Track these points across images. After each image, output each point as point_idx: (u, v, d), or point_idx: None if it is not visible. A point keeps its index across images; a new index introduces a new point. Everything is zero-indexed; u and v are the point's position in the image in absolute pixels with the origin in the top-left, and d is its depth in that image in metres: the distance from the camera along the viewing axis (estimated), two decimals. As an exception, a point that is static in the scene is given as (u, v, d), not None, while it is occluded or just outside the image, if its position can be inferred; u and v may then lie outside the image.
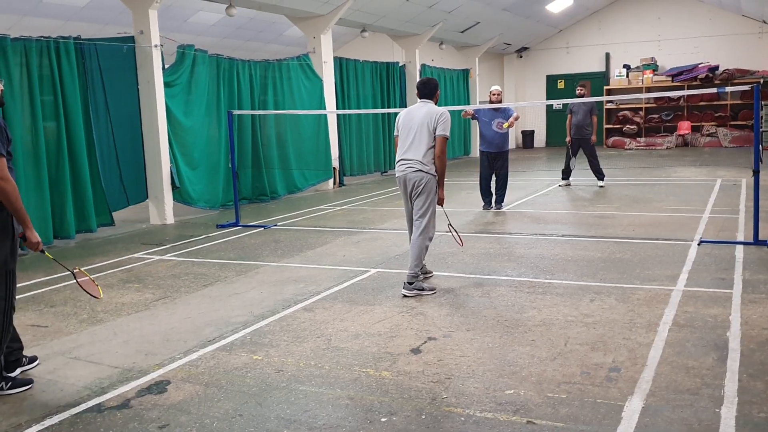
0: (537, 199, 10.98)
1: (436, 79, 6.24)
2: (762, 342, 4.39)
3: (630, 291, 5.72)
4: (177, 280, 6.85)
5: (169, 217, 10.64)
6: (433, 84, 6.15)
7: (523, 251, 7.49)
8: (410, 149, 5.94)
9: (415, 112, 6.02)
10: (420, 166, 5.87)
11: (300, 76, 13.85)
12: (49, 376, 4.36)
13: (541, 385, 3.88)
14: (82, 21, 14.82)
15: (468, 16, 18.51)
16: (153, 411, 3.77)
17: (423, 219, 5.93)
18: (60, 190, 9.25)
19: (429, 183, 5.89)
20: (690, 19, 21.88)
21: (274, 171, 13.18)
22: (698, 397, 3.63)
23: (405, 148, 5.99)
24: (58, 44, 9.27)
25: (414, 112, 6.04)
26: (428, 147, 5.87)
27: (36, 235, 4.16)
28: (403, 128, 6.06)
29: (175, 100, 10.88)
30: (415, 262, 5.90)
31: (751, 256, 6.76)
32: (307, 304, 5.76)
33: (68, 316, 5.71)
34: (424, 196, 5.91)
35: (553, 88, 24.64)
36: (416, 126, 5.92)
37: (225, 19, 15.61)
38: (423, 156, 5.87)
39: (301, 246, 8.34)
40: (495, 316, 5.18)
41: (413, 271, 5.89)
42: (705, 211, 9.48)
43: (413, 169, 5.90)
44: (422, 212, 5.94)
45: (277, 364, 4.39)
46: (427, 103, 6.07)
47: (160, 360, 4.57)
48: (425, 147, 5.87)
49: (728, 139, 20.92)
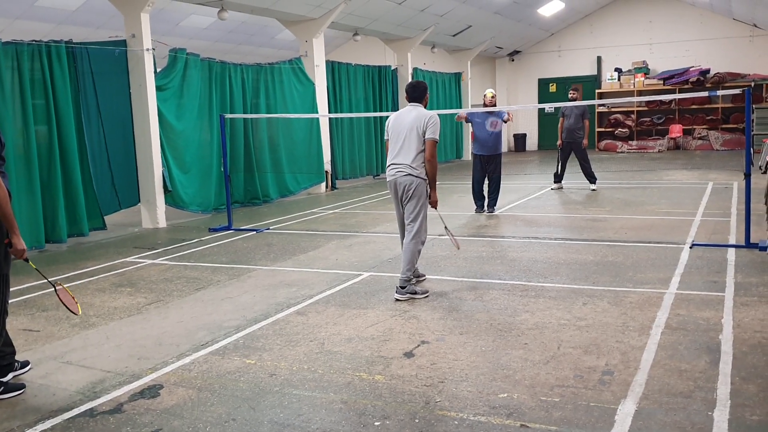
0: (529, 203, 11.01)
1: (425, 83, 6.26)
2: (754, 345, 4.41)
3: (623, 294, 5.74)
4: (169, 284, 6.83)
5: (161, 221, 10.61)
6: (422, 87, 6.14)
7: (515, 254, 7.50)
8: (400, 153, 5.94)
9: (404, 116, 6.02)
10: (410, 170, 5.88)
11: (292, 79, 13.85)
12: (41, 380, 4.34)
13: (534, 388, 3.88)
14: (74, 24, 14.79)
15: (460, 19, 18.56)
16: (146, 415, 3.75)
17: (414, 223, 5.93)
18: (52, 194, 9.21)
19: (419, 187, 5.89)
20: (681, 23, 22.00)
21: (267, 174, 13.17)
22: (691, 400, 3.65)
23: (395, 152, 5.99)
24: (50, 48, 9.24)
25: (403, 116, 6.04)
26: (418, 151, 5.87)
27: (22, 243, 4.13)
28: (392, 132, 6.06)
29: (167, 104, 10.85)
30: (407, 266, 5.90)
31: (743, 259, 6.79)
32: (300, 307, 5.76)
33: (60, 320, 5.68)
34: (414, 201, 5.91)
35: (545, 91, 24.71)
36: (405, 130, 5.93)
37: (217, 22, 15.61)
38: (413, 160, 5.87)
39: (293, 250, 8.32)
40: (488, 320, 5.18)
41: (405, 275, 5.89)
42: (697, 214, 9.52)
43: (403, 174, 5.90)
44: (413, 216, 5.93)
45: (270, 368, 4.38)
46: (417, 106, 6.06)
47: (152, 364, 4.55)
48: (415, 151, 5.87)
49: (719, 143, 21.03)
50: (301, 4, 13.33)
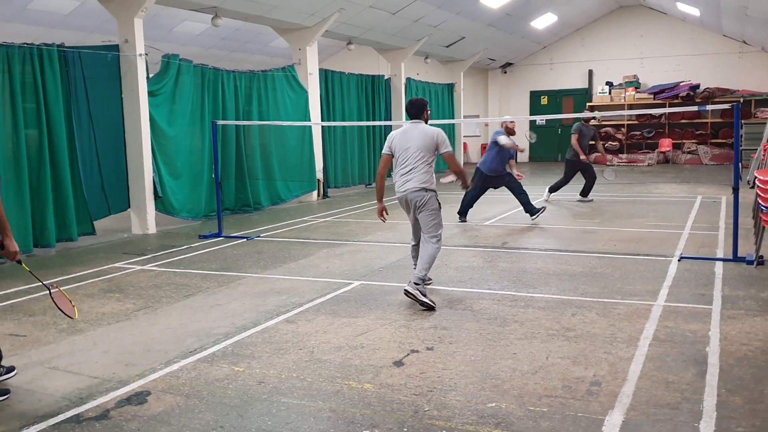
0: (520, 214, 11.03)
1: (423, 99, 6.33)
2: (740, 357, 4.43)
3: (611, 305, 5.76)
4: (158, 290, 6.80)
5: (151, 227, 10.58)
6: (420, 104, 6.23)
7: (505, 265, 7.52)
8: (410, 171, 6.08)
9: (409, 134, 6.13)
10: (421, 185, 6.04)
11: (285, 87, 13.86)
12: (27, 386, 4.31)
13: (522, 398, 3.89)
14: (67, 28, 14.77)
15: (453, 30, 18.66)
16: (132, 422, 3.73)
17: (437, 232, 6.09)
18: (41, 198, 9.16)
19: (431, 200, 6.07)
20: (672, 38, 22.21)
21: (258, 182, 13.16)
22: (678, 411, 3.66)
23: (405, 169, 6.11)
24: (42, 51, 9.21)
25: (408, 133, 6.14)
26: (427, 167, 6.05)
27: (14, 245, 4.13)
28: (398, 149, 6.15)
29: (159, 110, 10.84)
30: (426, 266, 6.00)
31: (731, 272, 6.84)
32: (290, 315, 5.74)
33: (47, 325, 5.65)
34: (427, 211, 6.07)
35: (536, 103, 24.86)
36: (413, 148, 6.06)
37: (210, 29, 15.64)
38: (423, 176, 6.05)
39: (284, 258, 8.31)
40: (477, 329, 5.19)
41: (422, 273, 5.96)
42: (685, 227, 9.58)
43: (414, 189, 6.04)
44: (434, 225, 6.08)
45: (258, 375, 4.37)
46: (418, 123, 6.17)
47: (140, 370, 4.52)
48: (424, 167, 6.05)
49: (708, 157, 21.20)
50: (295, 13, 13.37)
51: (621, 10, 22.89)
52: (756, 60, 21.16)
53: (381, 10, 15.07)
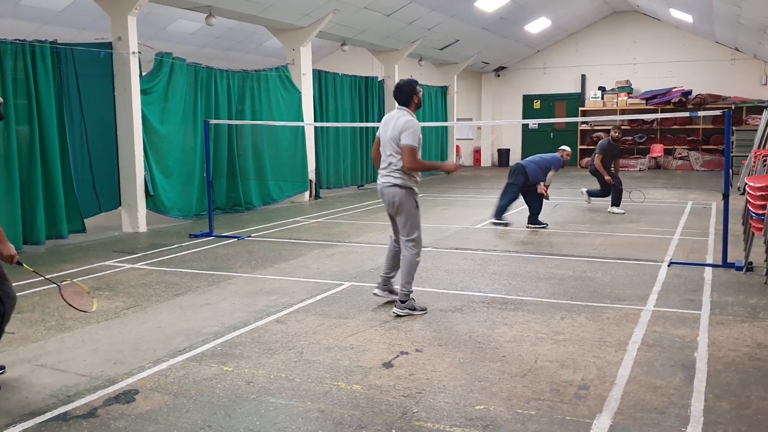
0: (512, 217, 11.04)
1: (414, 81, 5.79)
2: (728, 363, 4.46)
3: (600, 310, 5.78)
4: (148, 288, 6.78)
5: (141, 225, 10.54)
6: (407, 89, 5.70)
7: (496, 268, 7.54)
8: (384, 161, 5.76)
9: (388, 122, 5.75)
10: (392, 179, 5.67)
11: (278, 87, 13.85)
12: (14, 383, 4.28)
13: (510, 401, 3.90)
14: (60, 25, 14.71)
15: (448, 33, 18.69)
16: (120, 420, 3.72)
17: (412, 235, 5.72)
18: (31, 194, 9.11)
19: (403, 199, 5.65)
20: (665, 44, 22.31)
21: (250, 182, 13.14)
22: (665, 416, 3.68)
23: (383, 163, 5.78)
24: (34, 48, 9.17)
25: (388, 121, 5.76)
26: (397, 159, 5.64)
27: (10, 248, 4.07)
28: (381, 137, 5.81)
29: (152, 108, 10.81)
30: (407, 279, 5.70)
31: (720, 278, 6.87)
32: (280, 316, 5.74)
33: (36, 322, 5.62)
34: (404, 215, 5.69)
35: (529, 107, 24.92)
36: (387, 137, 5.69)
37: (205, 28, 15.59)
38: (393, 169, 5.66)
39: (274, 258, 8.30)
40: (467, 332, 5.20)
41: (405, 288, 5.70)
42: (675, 233, 9.62)
43: (387, 184, 5.71)
44: (407, 230, 5.70)
45: (247, 375, 4.36)
46: (402, 111, 5.70)
47: (128, 369, 4.51)
48: (394, 160, 5.65)
49: (699, 163, 21.31)
50: (289, 13, 13.36)
51: (615, 16, 23.00)
52: (748, 67, 21.29)
53: (375, 11, 15.09)
